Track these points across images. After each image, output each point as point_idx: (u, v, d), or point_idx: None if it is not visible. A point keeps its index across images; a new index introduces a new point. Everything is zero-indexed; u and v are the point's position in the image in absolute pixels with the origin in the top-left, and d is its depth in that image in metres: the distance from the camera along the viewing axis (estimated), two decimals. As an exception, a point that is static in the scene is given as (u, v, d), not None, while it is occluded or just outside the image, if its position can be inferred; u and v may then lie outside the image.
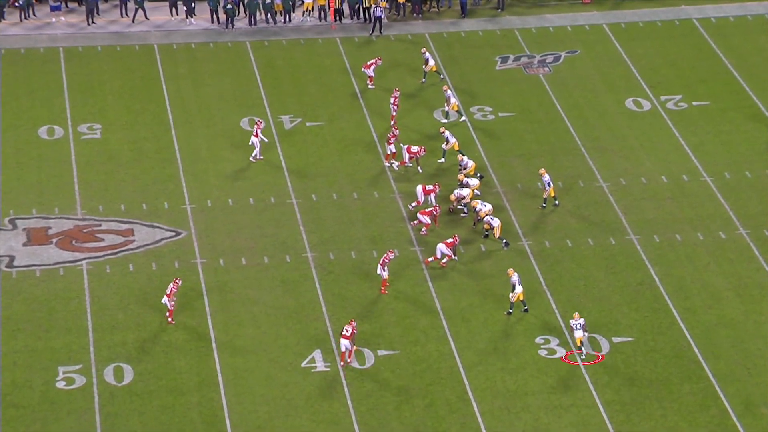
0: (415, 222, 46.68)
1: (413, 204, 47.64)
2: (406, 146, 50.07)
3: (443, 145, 50.56)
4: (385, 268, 43.53)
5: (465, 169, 48.85)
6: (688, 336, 42.59)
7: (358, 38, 59.66)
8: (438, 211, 46.86)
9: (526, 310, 42.97)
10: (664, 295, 44.34)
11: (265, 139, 50.67)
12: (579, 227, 47.63)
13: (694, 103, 55.25)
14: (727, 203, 48.96)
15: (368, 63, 55.31)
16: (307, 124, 53.30)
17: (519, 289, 42.71)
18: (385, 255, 43.81)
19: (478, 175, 49.00)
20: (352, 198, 49.03)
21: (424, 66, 55.71)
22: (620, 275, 45.27)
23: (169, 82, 55.86)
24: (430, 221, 46.39)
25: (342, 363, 40.68)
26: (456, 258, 45.00)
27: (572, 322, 41.51)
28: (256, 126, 50.51)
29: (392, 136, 50.31)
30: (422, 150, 49.93)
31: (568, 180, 50.07)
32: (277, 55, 58.22)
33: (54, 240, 46.43)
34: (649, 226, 47.72)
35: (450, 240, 44.93)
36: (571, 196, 49.20)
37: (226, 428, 38.81)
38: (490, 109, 54.61)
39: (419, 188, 47.68)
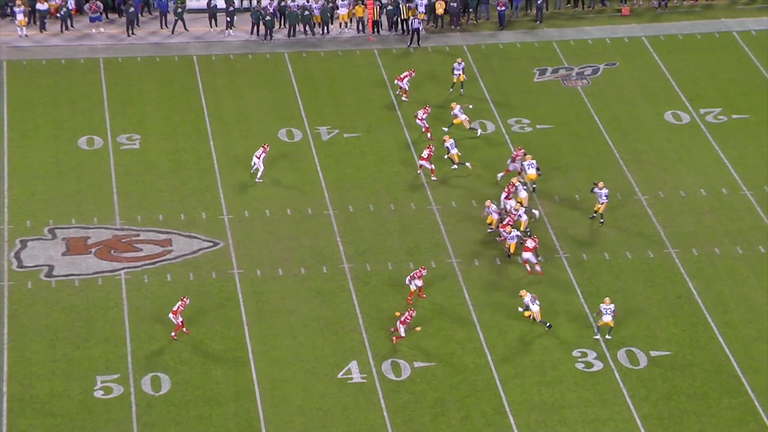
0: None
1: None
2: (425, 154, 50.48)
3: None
4: (413, 282, 43.51)
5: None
6: (727, 350, 42.31)
7: (396, 50, 59.72)
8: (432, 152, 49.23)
9: (549, 326, 42.91)
10: (703, 309, 44.07)
11: (261, 167, 49.93)
12: (617, 240, 47.43)
13: (733, 116, 54.96)
14: (766, 217, 48.63)
15: (402, 75, 55.32)
16: (345, 135, 53.39)
17: (535, 308, 42.70)
18: (416, 271, 43.78)
19: (532, 187, 48.94)
20: (389, 209, 49.04)
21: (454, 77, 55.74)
22: (658, 288, 45.04)
23: (208, 93, 56.11)
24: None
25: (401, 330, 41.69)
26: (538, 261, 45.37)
27: (602, 306, 41.75)
28: (262, 149, 50.05)
29: (429, 152, 50.26)
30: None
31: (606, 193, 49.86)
32: (315, 66, 58.37)
33: (93, 250, 46.68)
34: (688, 239, 47.47)
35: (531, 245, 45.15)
36: (610, 208, 48.99)
37: (262, 439, 38.91)
38: (528, 122, 54.52)
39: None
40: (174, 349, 41.91)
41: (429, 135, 52.16)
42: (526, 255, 45.03)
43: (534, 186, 49.29)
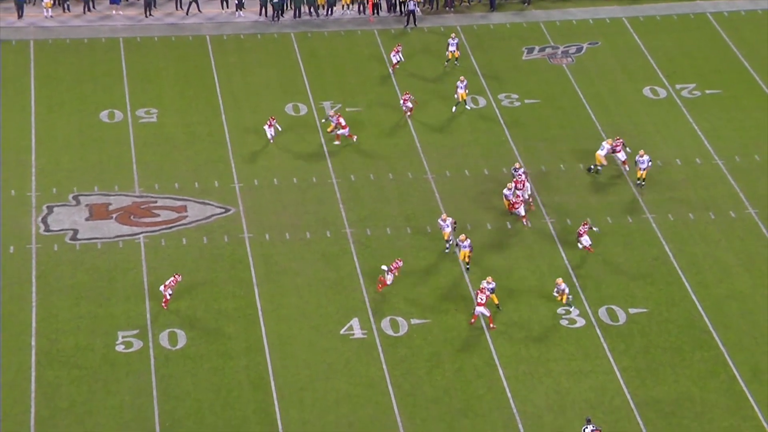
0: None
1: None
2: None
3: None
4: (390, 275, 42.00)
5: None
6: (699, 308, 42.34)
7: (394, 30, 59.44)
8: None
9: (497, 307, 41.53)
10: (678, 270, 44.07)
11: (279, 128, 50.48)
12: (598, 206, 47.37)
13: (707, 92, 54.77)
14: (737, 184, 48.55)
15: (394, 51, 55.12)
16: (347, 109, 53.21)
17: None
18: (394, 263, 42.35)
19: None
20: (387, 178, 48.95)
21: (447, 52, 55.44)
22: (636, 251, 45.02)
23: (220, 71, 55.89)
24: None
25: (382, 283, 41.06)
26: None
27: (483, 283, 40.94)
28: (269, 122, 50.21)
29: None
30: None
31: (588, 163, 49.73)
32: (320, 45, 58.12)
33: (114, 215, 46.62)
34: (664, 205, 47.41)
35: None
36: (591, 177, 48.89)
37: (271, 390, 38.95)
38: (517, 97, 54.34)
39: None
40: (189, 307, 41.93)
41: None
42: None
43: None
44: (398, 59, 54.85)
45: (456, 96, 52.50)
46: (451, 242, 44.12)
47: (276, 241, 45.42)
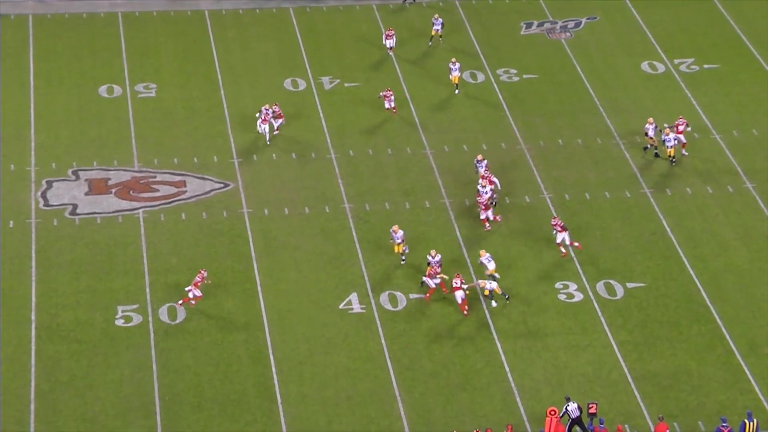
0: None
1: None
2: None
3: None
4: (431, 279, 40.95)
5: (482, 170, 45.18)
6: (697, 282, 42.29)
7: (393, 5, 59.10)
8: None
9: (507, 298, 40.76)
10: (675, 244, 44.00)
11: (276, 123, 48.56)
12: (597, 181, 47.24)
13: (705, 66, 54.55)
14: (735, 159, 48.41)
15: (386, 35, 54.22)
16: (346, 84, 52.99)
17: (493, 284, 40.31)
18: (431, 268, 40.94)
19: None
20: (386, 153, 48.79)
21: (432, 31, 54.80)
22: (635, 225, 44.93)
23: (219, 46, 55.64)
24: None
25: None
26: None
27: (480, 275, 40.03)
28: (263, 114, 48.19)
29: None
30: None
31: (587, 138, 49.64)
32: (318, 20, 57.84)
33: (113, 190, 46.49)
34: (662, 180, 47.28)
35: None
36: (590, 152, 48.77)
37: (270, 364, 38.93)
38: (515, 71, 54.11)
39: None
40: (188, 282, 41.83)
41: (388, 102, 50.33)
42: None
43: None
44: (391, 44, 54.16)
45: (450, 78, 51.88)
46: (406, 252, 42.61)
47: (275, 216, 45.32)
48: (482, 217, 44.20)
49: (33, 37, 55.70)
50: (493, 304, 40.79)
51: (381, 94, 50.23)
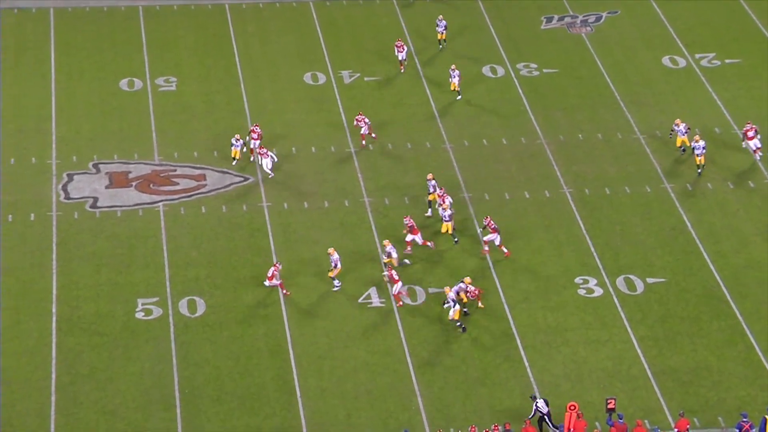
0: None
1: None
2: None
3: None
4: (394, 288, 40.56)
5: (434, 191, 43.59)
6: (717, 277, 42.11)
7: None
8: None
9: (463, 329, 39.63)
10: (696, 240, 43.81)
11: (275, 158, 46.19)
12: (617, 176, 47.08)
13: (726, 61, 54.28)
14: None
15: (398, 45, 52.65)
16: (366, 78, 52.95)
17: (456, 307, 39.36)
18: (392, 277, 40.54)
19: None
20: (406, 147, 48.73)
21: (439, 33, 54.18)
22: (655, 221, 44.77)
23: (239, 39, 55.67)
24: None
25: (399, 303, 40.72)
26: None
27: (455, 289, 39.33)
28: (253, 138, 46.29)
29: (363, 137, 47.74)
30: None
31: (607, 132, 49.47)
32: (338, 14, 57.79)
33: (134, 183, 46.59)
34: (683, 175, 47.07)
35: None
36: (610, 147, 48.60)
37: (289, 357, 38.96)
38: (536, 66, 53.96)
39: None
40: (208, 275, 41.91)
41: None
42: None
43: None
44: (403, 57, 52.53)
45: (450, 82, 50.90)
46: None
47: (294, 209, 45.32)
48: (408, 239, 42.16)
49: (54, 30, 55.85)
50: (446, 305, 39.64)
51: (355, 120, 47.88)
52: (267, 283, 40.81)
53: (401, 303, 40.62)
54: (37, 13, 57.13)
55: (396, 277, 40.50)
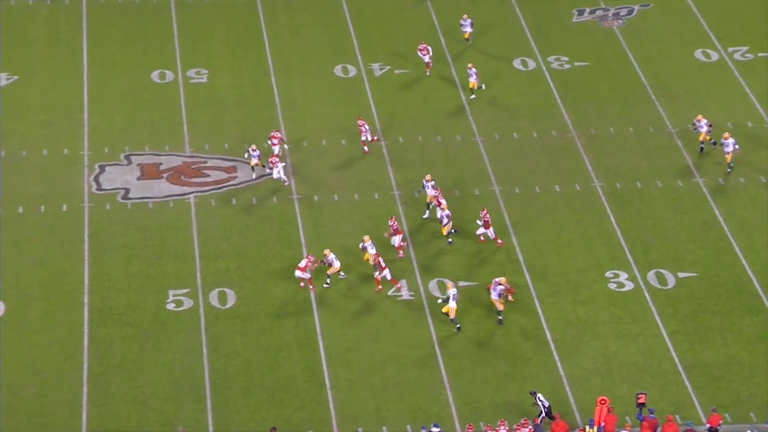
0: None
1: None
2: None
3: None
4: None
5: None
6: (749, 272, 41.84)
7: (443, -8, 58.89)
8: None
9: (458, 328, 39.46)
10: (728, 234, 43.54)
11: (285, 146, 46.38)
12: (648, 170, 46.84)
13: (759, 54, 53.87)
14: (789, 149, 47.82)
15: (421, 48, 52.16)
16: (396, 71, 52.89)
17: (452, 304, 39.08)
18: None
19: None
20: (435, 141, 48.67)
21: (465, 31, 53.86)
22: (686, 215, 44.52)
23: (270, 32, 55.72)
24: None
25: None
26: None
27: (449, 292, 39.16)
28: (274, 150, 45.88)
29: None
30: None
31: (638, 126, 49.22)
32: (368, 6, 57.71)
33: (165, 175, 46.75)
34: (714, 169, 46.77)
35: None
36: (641, 141, 48.35)
37: (319, 349, 39.02)
38: (567, 59, 53.73)
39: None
40: (239, 267, 42.02)
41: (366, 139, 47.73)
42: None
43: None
44: (428, 60, 51.91)
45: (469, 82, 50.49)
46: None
47: (324, 202, 45.36)
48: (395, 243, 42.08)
49: (87, 22, 56.07)
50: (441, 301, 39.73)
51: (359, 123, 47.27)
52: (298, 273, 40.81)
53: (381, 287, 40.49)
54: (70, 4, 57.37)
55: (383, 264, 40.31)
